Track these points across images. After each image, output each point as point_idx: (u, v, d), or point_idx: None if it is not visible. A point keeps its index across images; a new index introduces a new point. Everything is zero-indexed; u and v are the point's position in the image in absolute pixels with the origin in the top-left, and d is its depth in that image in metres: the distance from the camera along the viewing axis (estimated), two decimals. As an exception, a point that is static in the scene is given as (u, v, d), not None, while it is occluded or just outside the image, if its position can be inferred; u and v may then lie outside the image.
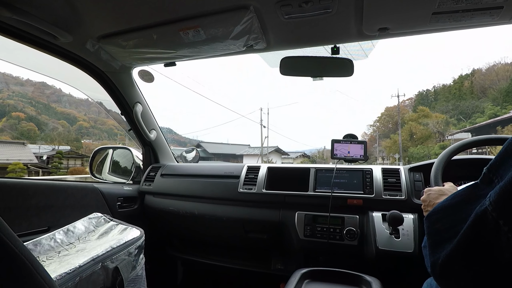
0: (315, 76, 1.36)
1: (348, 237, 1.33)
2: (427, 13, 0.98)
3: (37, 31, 1.14)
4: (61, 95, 20.70)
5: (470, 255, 0.45)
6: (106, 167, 2.06)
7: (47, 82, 23.33)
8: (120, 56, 1.39)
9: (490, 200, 0.43)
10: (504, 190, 0.41)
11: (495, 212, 0.41)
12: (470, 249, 0.45)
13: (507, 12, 0.95)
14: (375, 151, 42.39)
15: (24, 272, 0.44)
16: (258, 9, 1.02)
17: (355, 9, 1.00)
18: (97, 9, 1.05)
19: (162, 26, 1.13)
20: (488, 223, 0.42)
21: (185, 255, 1.92)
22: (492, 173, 0.48)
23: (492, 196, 0.43)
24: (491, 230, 0.42)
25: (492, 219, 0.42)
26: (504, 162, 0.47)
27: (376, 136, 47.38)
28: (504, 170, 0.46)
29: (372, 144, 45.54)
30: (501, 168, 0.47)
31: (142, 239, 1.07)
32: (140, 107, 1.76)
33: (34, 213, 1.24)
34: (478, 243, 0.44)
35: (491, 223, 0.42)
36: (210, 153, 29.14)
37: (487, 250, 0.43)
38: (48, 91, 22.33)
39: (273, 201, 1.53)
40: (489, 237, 0.42)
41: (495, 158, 0.49)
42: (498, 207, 0.41)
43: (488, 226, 0.42)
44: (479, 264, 0.44)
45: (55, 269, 0.81)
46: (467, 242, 0.46)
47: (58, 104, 20.93)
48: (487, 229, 0.42)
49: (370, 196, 1.37)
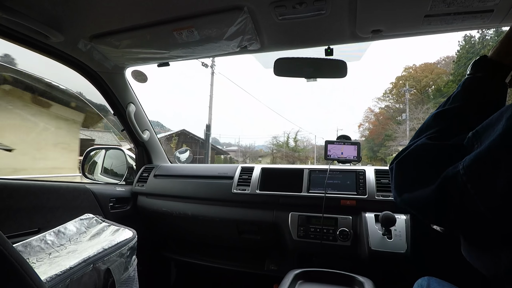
0: (309, 77, 1.37)
1: (341, 237, 1.34)
2: (420, 15, 0.99)
3: (28, 30, 1.13)
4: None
5: (432, 204, 0.51)
6: (98, 168, 2.04)
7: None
8: (113, 56, 1.37)
9: (463, 165, 0.47)
10: (478, 157, 0.45)
11: (465, 176, 0.45)
12: (434, 201, 0.51)
13: (497, 16, 0.96)
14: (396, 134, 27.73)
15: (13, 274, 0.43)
16: (252, 10, 1.02)
17: (349, 11, 1.01)
18: (89, 8, 1.04)
19: (156, 26, 1.12)
20: (457, 184, 0.46)
21: (178, 256, 1.91)
22: (475, 138, 0.50)
23: (466, 161, 0.47)
24: (458, 190, 0.46)
25: (461, 181, 0.46)
26: (487, 129, 0.48)
27: (390, 113, 33.68)
28: (485, 137, 0.48)
29: (382, 127, 32.18)
30: (484, 135, 0.48)
31: (134, 240, 1.06)
32: (133, 108, 1.75)
33: (24, 214, 1.22)
34: (442, 199, 0.49)
35: (460, 185, 0.46)
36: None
37: (448, 206, 0.49)
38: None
39: (267, 201, 1.53)
40: (455, 195, 0.47)
41: (482, 124, 0.50)
42: (470, 172, 0.45)
43: (456, 187, 0.47)
44: (437, 209, 0.51)
45: (45, 271, 0.80)
46: (433, 194, 0.50)
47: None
48: (455, 189, 0.47)
49: (363, 197, 1.38)
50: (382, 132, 32.47)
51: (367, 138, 36.01)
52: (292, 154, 30.29)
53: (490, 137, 0.46)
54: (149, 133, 1.93)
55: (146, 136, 1.89)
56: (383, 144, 30.82)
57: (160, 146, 2.08)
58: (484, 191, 0.43)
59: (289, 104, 75.22)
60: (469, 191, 0.44)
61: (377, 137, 33.53)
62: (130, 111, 1.73)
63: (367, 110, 39.59)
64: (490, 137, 0.45)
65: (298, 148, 31.56)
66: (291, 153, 30.41)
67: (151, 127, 1.97)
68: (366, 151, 34.61)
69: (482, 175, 0.44)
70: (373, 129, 35.63)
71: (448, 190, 0.48)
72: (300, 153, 31.03)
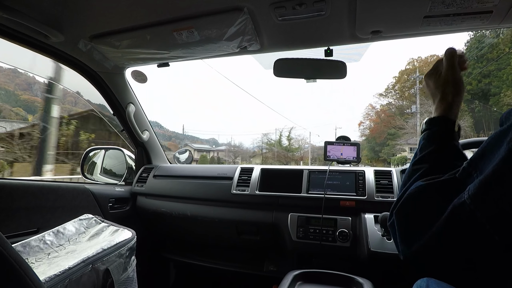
0: (308, 78, 1.37)
1: (340, 238, 1.34)
2: (419, 16, 0.99)
3: (28, 30, 1.13)
4: (32, 82, 19.85)
5: (444, 244, 0.49)
6: (97, 168, 2.04)
7: (18, 69, 22.26)
8: (113, 56, 1.37)
9: (469, 193, 0.45)
10: (483, 183, 0.44)
11: (473, 204, 0.44)
12: (445, 239, 0.48)
13: (496, 17, 0.97)
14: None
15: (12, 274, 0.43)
16: (252, 11, 1.02)
17: (348, 12, 1.01)
18: (89, 9, 1.04)
19: (156, 26, 1.12)
20: (465, 214, 0.45)
21: (177, 257, 1.91)
22: (472, 167, 0.50)
23: (471, 190, 0.45)
24: (467, 221, 0.45)
25: (469, 210, 0.44)
26: (483, 156, 0.48)
27: (392, 111, 32.91)
28: (484, 164, 0.47)
29: (384, 125, 31.84)
30: (481, 163, 0.48)
31: (133, 241, 1.06)
32: (132, 108, 1.75)
33: (23, 214, 1.22)
34: (453, 233, 0.47)
35: (468, 214, 0.44)
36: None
37: (460, 240, 0.46)
38: (19, 79, 21.51)
39: (266, 202, 1.53)
40: (464, 227, 0.45)
41: (475, 152, 0.51)
42: (476, 200, 0.44)
43: (464, 217, 0.45)
44: (451, 251, 0.48)
45: (44, 271, 0.80)
46: (442, 232, 0.48)
47: (26, 92, 19.99)
48: (463, 219, 0.45)
49: (363, 198, 1.38)
50: (385, 130, 31.35)
51: (368, 137, 34.23)
52: (285, 154, 28.89)
53: (491, 162, 0.45)
54: (149, 133, 1.93)
55: (146, 137, 1.89)
56: (385, 144, 29.84)
57: (160, 146, 2.08)
58: (495, 217, 0.42)
59: (289, 103, 75.12)
60: (479, 220, 0.43)
61: (378, 136, 32.08)
62: (130, 111, 1.73)
63: (368, 106, 38.06)
64: (491, 163, 0.44)
65: (292, 148, 30.28)
66: (284, 153, 28.91)
67: (151, 127, 1.97)
68: (367, 151, 32.98)
69: (491, 201, 0.42)
70: (374, 127, 34.09)
71: (456, 223, 0.46)
72: (294, 152, 29.80)
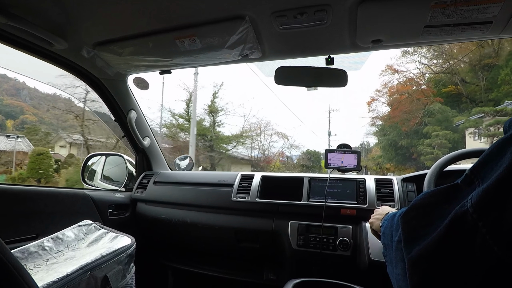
0: (309, 86, 1.38)
1: (341, 247, 1.33)
2: (419, 26, 1.00)
3: (32, 37, 1.14)
4: (20, 88, 19.81)
5: (442, 252, 0.47)
6: (98, 174, 2.04)
7: (7, 75, 22.12)
8: (116, 63, 1.39)
9: (471, 202, 0.44)
10: (486, 192, 0.43)
11: (475, 214, 0.43)
12: (444, 247, 0.47)
13: (496, 27, 0.97)
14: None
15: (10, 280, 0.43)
16: (253, 20, 1.03)
17: (349, 22, 1.02)
18: (93, 17, 1.06)
19: (158, 34, 1.13)
20: (467, 224, 0.44)
21: (176, 264, 1.89)
22: (474, 174, 0.49)
23: (474, 198, 0.44)
24: (469, 230, 0.43)
25: (472, 220, 0.43)
26: (486, 164, 0.47)
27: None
28: (486, 172, 0.46)
29: (418, 100, 16.92)
30: (483, 171, 0.47)
31: (133, 248, 1.05)
32: (134, 114, 1.75)
33: (22, 220, 1.22)
34: (452, 241, 0.46)
35: (470, 224, 0.43)
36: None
37: (460, 249, 0.45)
38: (6, 84, 21.36)
39: (266, 210, 1.52)
40: (465, 236, 0.44)
41: (478, 160, 0.50)
42: (479, 209, 0.43)
43: (466, 227, 0.44)
44: (449, 261, 0.46)
45: (42, 277, 0.79)
46: (442, 240, 0.47)
47: (13, 98, 19.83)
48: (465, 229, 0.44)
49: (363, 206, 1.37)
50: (419, 109, 18.26)
51: (384, 124, 20.55)
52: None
53: (494, 171, 0.44)
54: (150, 140, 1.93)
55: (147, 143, 1.89)
56: (421, 133, 17.24)
57: (161, 153, 2.08)
58: (497, 227, 0.40)
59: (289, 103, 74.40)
60: (480, 230, 0.42)
61: (406, 119, 18.68)
62: (131, 117, 1.73)
63: (387, 69, 20.75)
64: (494, 172, 0.44)
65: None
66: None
67: (152, 134, 1.97)
68: (385, 150, 19.82)
69: (494, 211, 0.41)
70: (397, 106, 19.59)
71: (457, 230, 0.45)
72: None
